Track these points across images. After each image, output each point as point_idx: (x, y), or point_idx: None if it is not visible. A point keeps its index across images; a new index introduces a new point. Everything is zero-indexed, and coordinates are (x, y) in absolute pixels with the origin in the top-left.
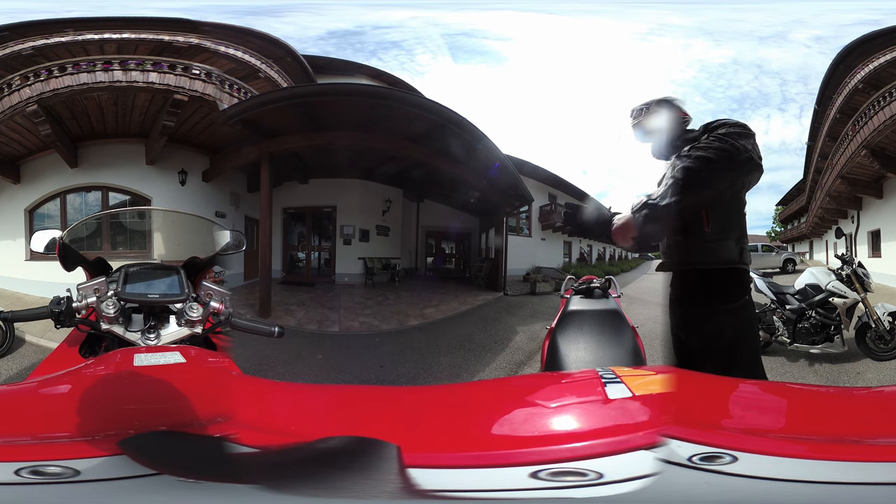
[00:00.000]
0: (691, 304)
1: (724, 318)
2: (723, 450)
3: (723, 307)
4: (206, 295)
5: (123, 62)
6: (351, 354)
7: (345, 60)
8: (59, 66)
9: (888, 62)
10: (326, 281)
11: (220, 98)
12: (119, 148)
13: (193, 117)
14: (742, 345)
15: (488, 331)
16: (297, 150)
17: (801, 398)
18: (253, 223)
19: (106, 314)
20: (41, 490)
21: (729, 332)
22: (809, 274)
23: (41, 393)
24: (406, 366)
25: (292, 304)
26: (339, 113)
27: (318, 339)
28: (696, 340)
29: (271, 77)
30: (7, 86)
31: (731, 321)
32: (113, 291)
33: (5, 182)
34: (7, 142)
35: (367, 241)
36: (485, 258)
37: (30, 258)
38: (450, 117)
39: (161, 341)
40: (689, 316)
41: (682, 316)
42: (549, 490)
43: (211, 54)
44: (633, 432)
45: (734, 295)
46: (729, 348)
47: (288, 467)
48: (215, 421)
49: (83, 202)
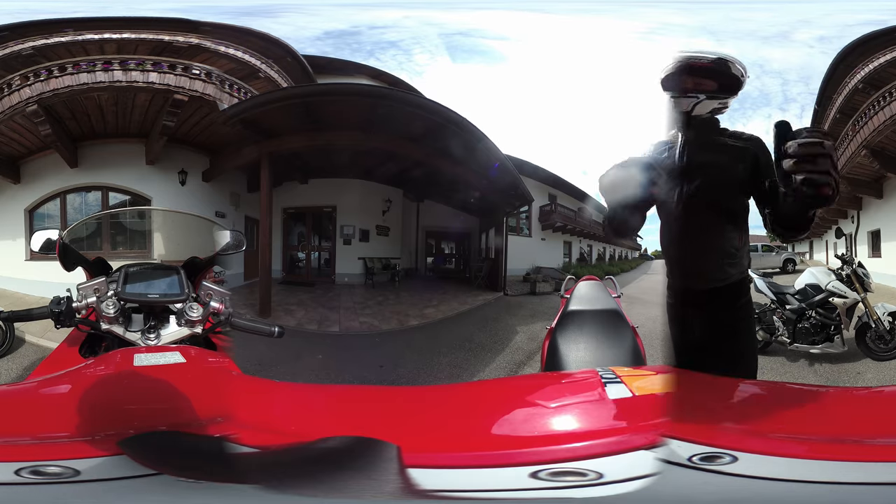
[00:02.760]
0: (696, 307)
1: (728, 316)
2: (723, 450)
3: (729, 310)
4: (206, 295)
5: (123, 62)
6: (351, 354)
7: (344, 60)
8: (59, 66)
9: (888, 62)
10: (326, 281)
11: (220, 98)
12: (119, 148)
13: (193, 117)
14: (745, 343)
15: (488, 331)
16: (297, 150)
17: (801, 398)
18: (253, 223)
19: (106, 314)
20: (41, 490)
21: (739, 330)
22: (809, 274)
23: (41, 393)
24: (406, 366)
25: (292, 305)
26: (339, 113)
27: (318, 339)
28: (699, 340)
29: (271, 77)
30: (7, 86)
31: (734, 320)
32: (113, 291)
33: (5, 182)
34: (7, 142)
35: (367, 242)
36: (485, 258)
37: (30, 258)
38: (450, 117)
39: (161, 341)
40: (692, 317)
41: (683, 316)
42: (549, 490)
43: (211, 54)
44: (633, 432)
45: (742, 297)
46: (734, 347)
47: (288, 467)
48: (215, 421)
49: (83, 202)
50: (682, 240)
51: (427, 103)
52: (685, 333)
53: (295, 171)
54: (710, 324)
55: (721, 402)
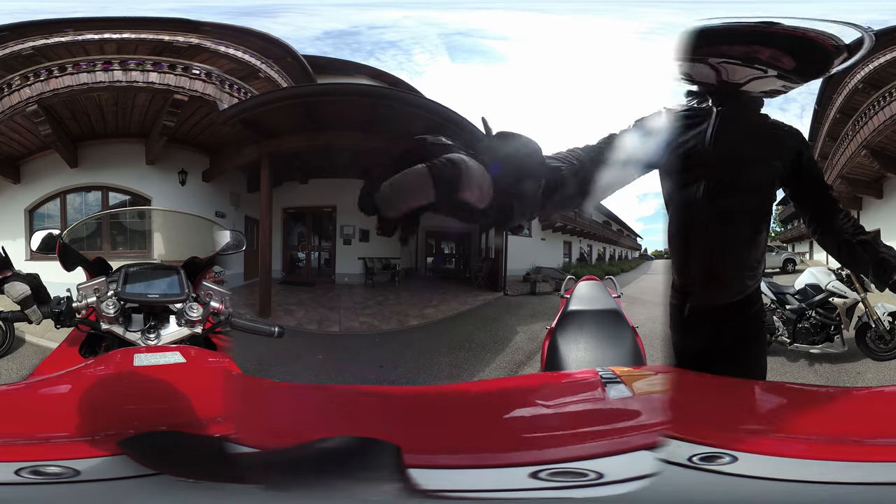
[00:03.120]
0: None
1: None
2: (723, 450)
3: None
4: (206, 295)
5: (123, 62)
6: (351, 354)
7: (344, 60)
8: (59, 66)
9: (888, 62)
10: (326, 281)
11: (220, 98)
12: (119, 148)
13: (193, 117)
14: (756, 352)
15: (488, 331)
16: (297, 150)
17: (801, 398)
18: (253, 223)
19: (106, 314)
20: (41, 490)
21: (749, 338)
22: (809, 274)
23: (41, 393)
24: (406, 366)
25: (292, 304)
26: (339, 113)
27: (318, 339)
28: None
29: (271, 77)
30: (7, 86)
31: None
32: (113, 291)
33: (5, 182)
34: (7, 142)
35: (367, 242)
36: (485, 258)
37: (30, 258)
38: (450, 117)
39: (161, 341)
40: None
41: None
42: (549, 490)
43: (211, 54)
44: (633, 432)
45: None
46: (744, 356)
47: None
48: (215, 421)
49: (83, 202)
50: (707, 251)
51: (427, 103)
52: (691, 341)
53: (295, 171)
54: (719, 334)
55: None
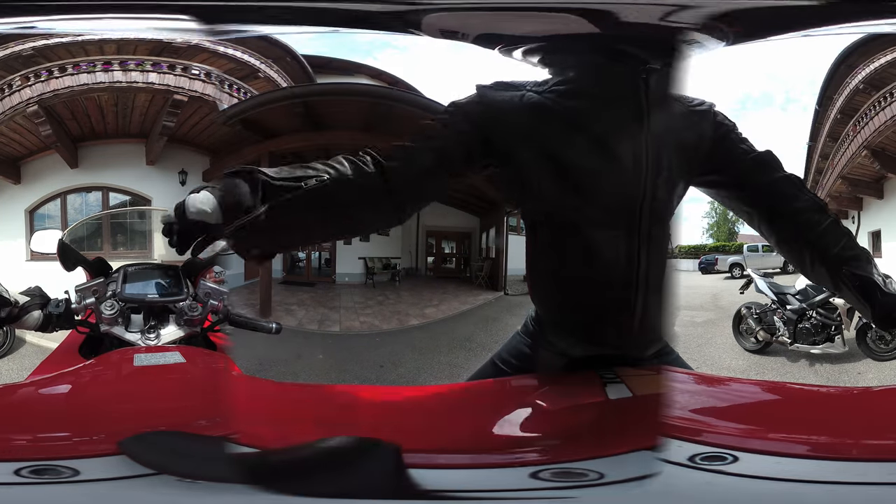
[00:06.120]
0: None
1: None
2: (723, 450)
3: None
4: (205, 294)
5: (123, 62)
6: (351, 354)
7: (344, 60)
8: (59, 66)
9: (889, 62)
10: (327, 281)
11: (220, 98)
12: (119, 148)
13: (193, 117)
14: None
15: (489, 331)
16: (297, 150)
17: (802, 398)
18: None
19: (105, 315)
20: (41, 490)
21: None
22: None
23: (41, 393)
24: (406, 366)
25: (292, 304)
26: (339, 113)
27: (318, 339)
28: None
29: (271, 77)
30: (7, 86)
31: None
32: (112, 292)
33: (6, 182)
34: (7, 142)
35: (367, 241)
36: (485, 258)
37: (30, 258)
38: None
39: (161, 341)
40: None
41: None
42: (549, 490)
43: (210, 54)
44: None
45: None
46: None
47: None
48: (215, 421)
49: (84, 202)
50: (633, 284)
51: (427, 103)
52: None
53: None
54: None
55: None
